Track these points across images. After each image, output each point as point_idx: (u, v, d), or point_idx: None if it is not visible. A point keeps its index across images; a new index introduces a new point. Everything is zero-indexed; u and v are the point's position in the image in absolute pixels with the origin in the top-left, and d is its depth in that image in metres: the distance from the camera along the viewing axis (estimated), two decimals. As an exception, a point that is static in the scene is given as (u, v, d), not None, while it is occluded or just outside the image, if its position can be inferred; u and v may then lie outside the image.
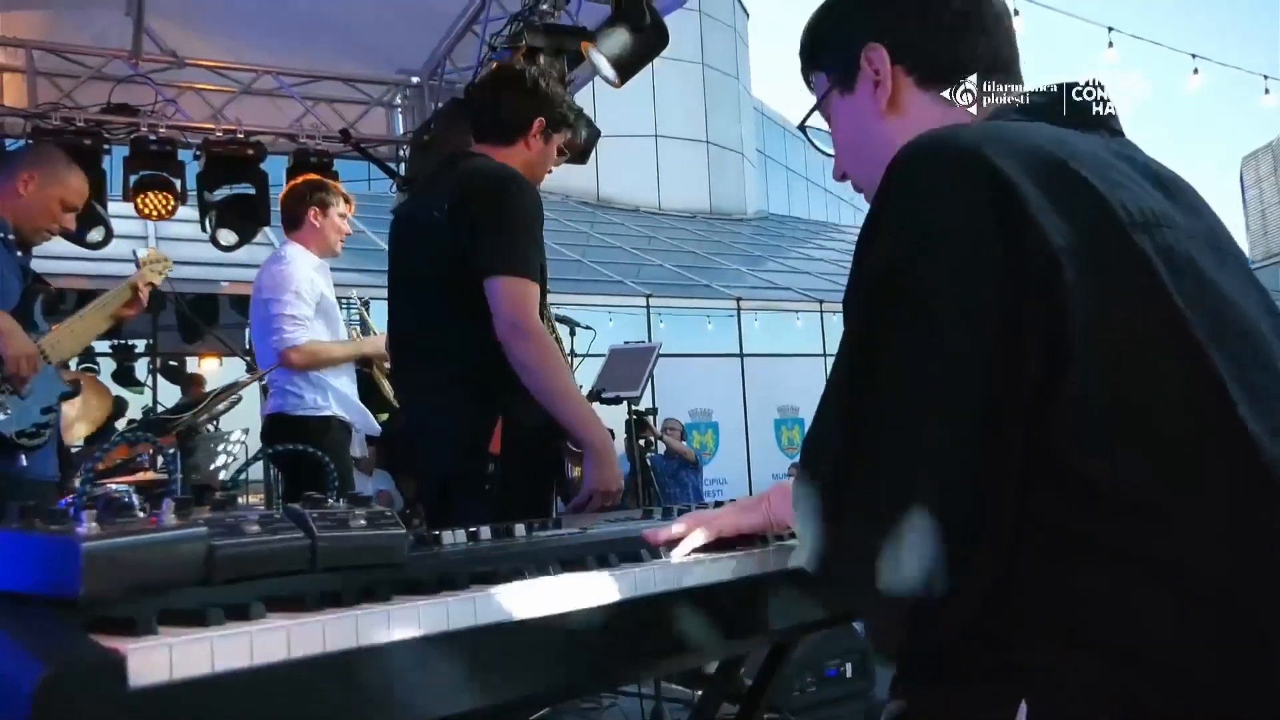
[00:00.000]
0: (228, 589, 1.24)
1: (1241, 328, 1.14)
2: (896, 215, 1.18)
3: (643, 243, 20.82)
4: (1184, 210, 1.22)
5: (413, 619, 1.21)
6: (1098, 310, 1.07)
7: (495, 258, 2.87)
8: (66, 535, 1.14)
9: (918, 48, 1.43)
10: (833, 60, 1.52)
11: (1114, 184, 1.15)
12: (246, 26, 6.85)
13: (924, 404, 1.10)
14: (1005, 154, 1.13)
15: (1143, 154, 1.32)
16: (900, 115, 1.44)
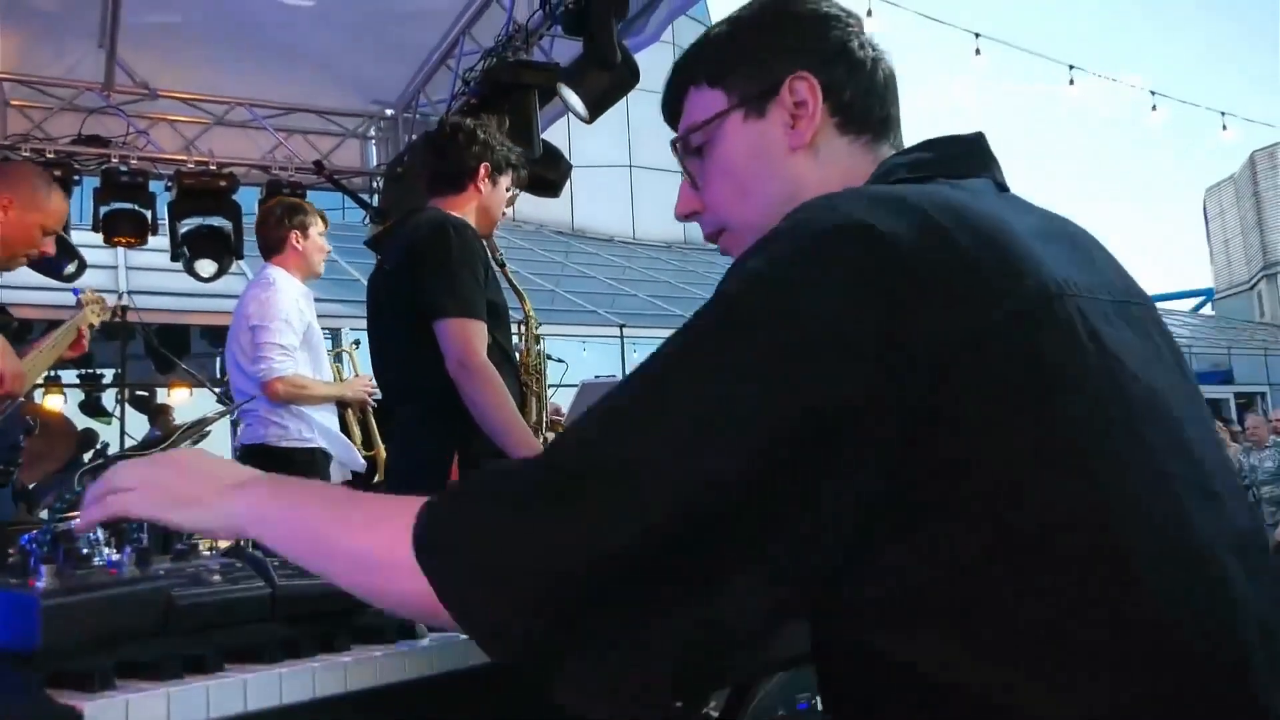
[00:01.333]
0: (186, 639, 1.24)
1: (1157, 401, 1.05)
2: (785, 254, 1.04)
3: (617, 273, 20.85)
4: (1081, 264, 1.13)
5: (369, 670, 1.22)
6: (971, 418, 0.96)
7: (439, 301, 3.08)
8: (25, 591, 1.15)
9: (847, 89, 1.31)
10: (745, 79, 1.34)
11: (1005, 259, 1.04)
12: (220, 58, 6.84)
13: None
14: (890, 230, 1.00)
15: (1032, 207, 1.25)
16: (813, 156, 1.30)
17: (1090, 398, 0.99)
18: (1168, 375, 1.10)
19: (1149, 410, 1.04)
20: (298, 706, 1.15)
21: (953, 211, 1.06)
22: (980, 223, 1.06)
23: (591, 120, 5.39)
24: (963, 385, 0.95)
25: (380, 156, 8.01)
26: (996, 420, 0.95)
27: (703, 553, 0.93)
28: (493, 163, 3.39)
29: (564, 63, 5.71)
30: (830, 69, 1.31)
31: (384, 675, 1.23)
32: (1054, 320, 1.01)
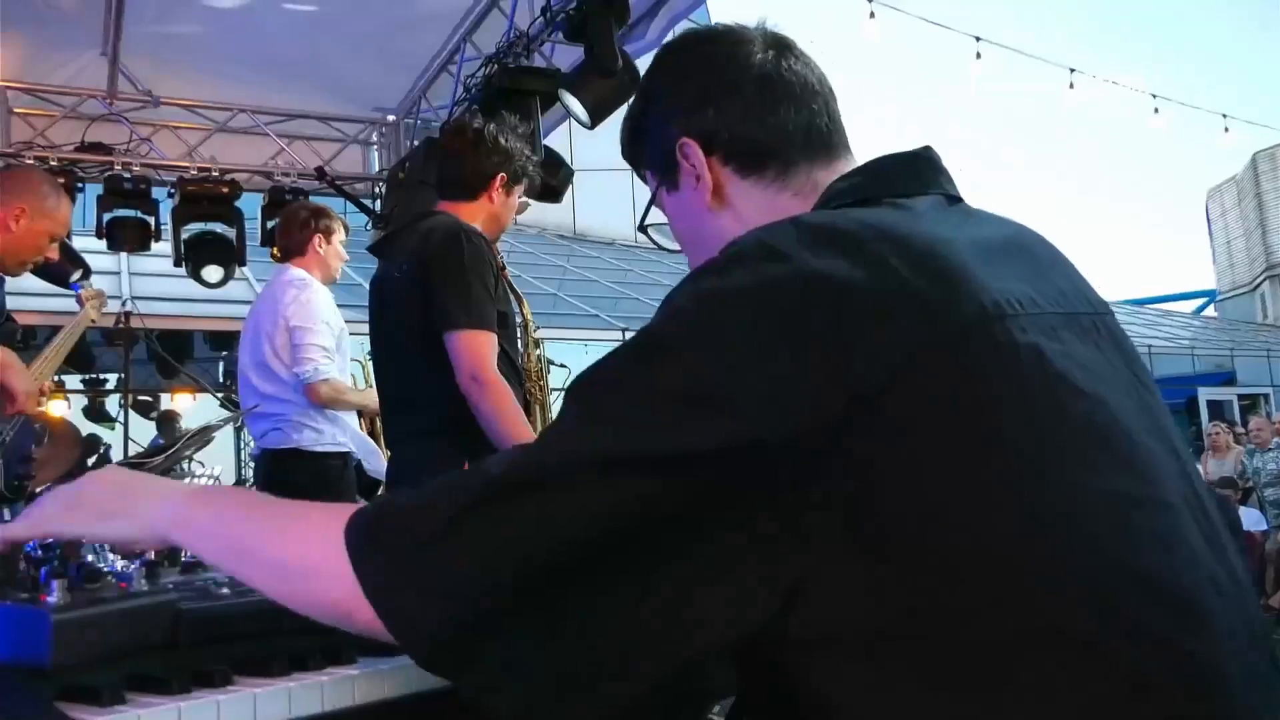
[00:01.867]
0: (195, 652, 1.25)
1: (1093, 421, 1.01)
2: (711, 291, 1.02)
3: (619, 276, 20.83)
4: (1029, 277, 1.09)
5: (378, 683, 1.23)
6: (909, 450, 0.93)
7: (451, 313, 3.03)
8: (37, 606, 1.15)
9: (725, 134, 1.29)
10: (651, 158, 1.40)
11: (945, 281, 1.01)
12: (222, 65, 6.87)
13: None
14: (832, 256, 1.00)
15: (985, 219, 1.22)
16: (726, 206, 1.31)
17: (1029, 419, 0.97)
18: (1119, 387, 1.08)
19: (1093, 426, 1.00)
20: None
21: (889, 237, 1.04)
22: (918, 246, 1.04)
23: (593, 126, 5.41)
24: (899, 415, 0.93)
25: (382, 162, 8.02)
26: (933, 447, 0.93)
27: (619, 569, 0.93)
28: (510, 173, 3.34)
29: (565, 68, 5.73)
30: (701, 120, 1.31)
31: (392, 688, 1.23)
32: (992, 342, 0.99)
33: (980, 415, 0.95)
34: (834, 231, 1.04)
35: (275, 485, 4.61)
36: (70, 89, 6.85)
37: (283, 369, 4.50)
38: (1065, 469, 0.96)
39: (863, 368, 0.93)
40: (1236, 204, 37.53)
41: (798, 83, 1.31)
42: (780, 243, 1.03)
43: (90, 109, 6.92)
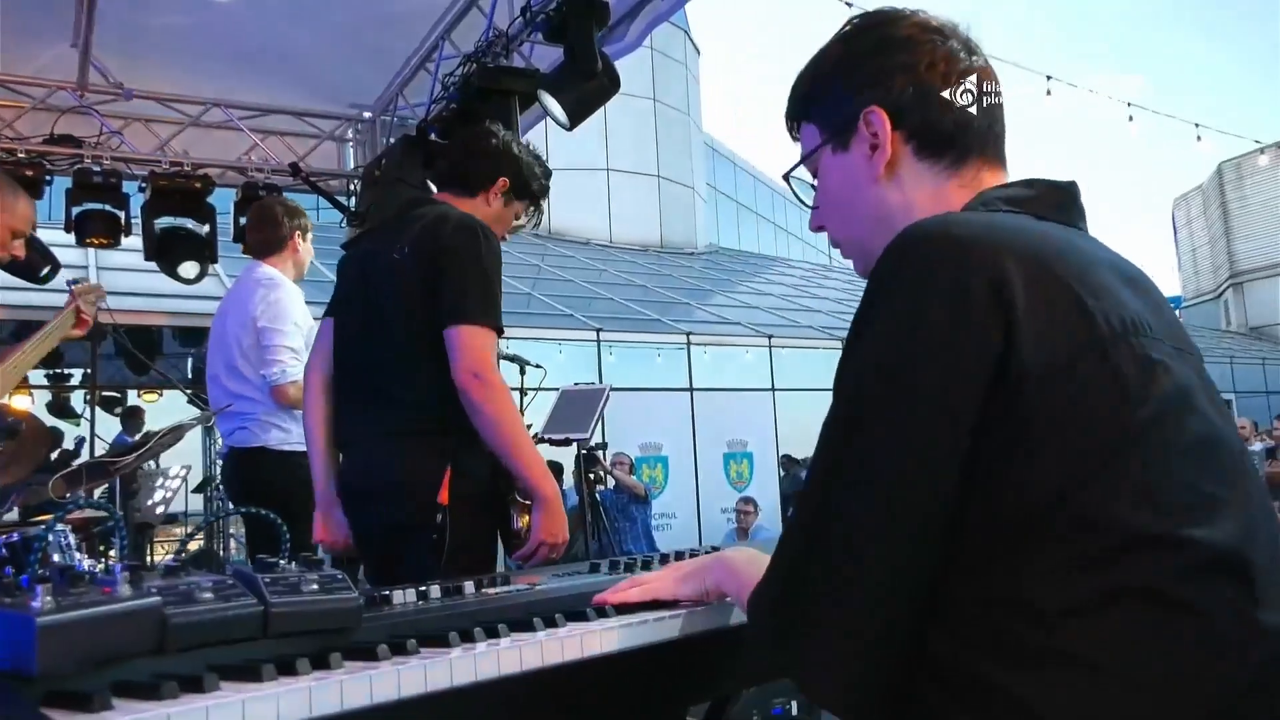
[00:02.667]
0: (180, 658, 1.25)
1: (1211, 434, 1.17)
2: (890, 308, 1.18)
3: (593, 276, 20.82)
4: (1151, 309, 1.23)
5: (364, 688, 1.23)
6: (1061, 429, 1.09)
7: (462, 306, 2.88)
8: (22, 611, 1.15)
9: (918, 116, 1.40)
10: (828, 116, 1.48)
11: (1097, 291, 1.17)
12: (195, 59, 6.80)
13: (883, 519, 1.14)
14: (1007, 252, 1.14)
15: (1107, 249, 1.33)
16: (894, 182, 1.42)
17: (1162, 422, 1.13)
18: (1218, 415, 1.21)
19: (1209, 441, 1.17)
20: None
21: (1051, 245, 1.20)
22: (1076, 257, 1.20)
23: (572, 127, 5.42)
24: (1061, 394, 1.10)
25: (358, 159, 7.98)
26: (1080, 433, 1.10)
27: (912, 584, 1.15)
28: (514, 182, 3.23)
29: (543, 68, 5.73)
30: (899, 97, 1.40)
31: (379, 693, 1.23)
32: (1133, 351, 1.15)
33: (1122, 412, 1.11)
34: (1000, 237, 1.19)
35: (243, 483, 4.63)
36: (40, 80, 6.77)
37: (250, 370, 4.50)
38: (1185, 473, 1.12)
39: (1034, 358, 1.10)
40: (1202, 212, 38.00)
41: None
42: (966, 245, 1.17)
43: (60, 101, 6.84)
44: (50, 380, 13.08)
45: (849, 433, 1.19)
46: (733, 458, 16.54)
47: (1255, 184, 34.17)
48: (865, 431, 1.17)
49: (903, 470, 1.13)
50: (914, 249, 1.19)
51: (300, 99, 7.51)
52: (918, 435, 1.12)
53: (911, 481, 1.12)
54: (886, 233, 1.32)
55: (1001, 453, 1.10)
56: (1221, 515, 1.11)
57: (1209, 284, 37.47)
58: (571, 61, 5.11)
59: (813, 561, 1.19)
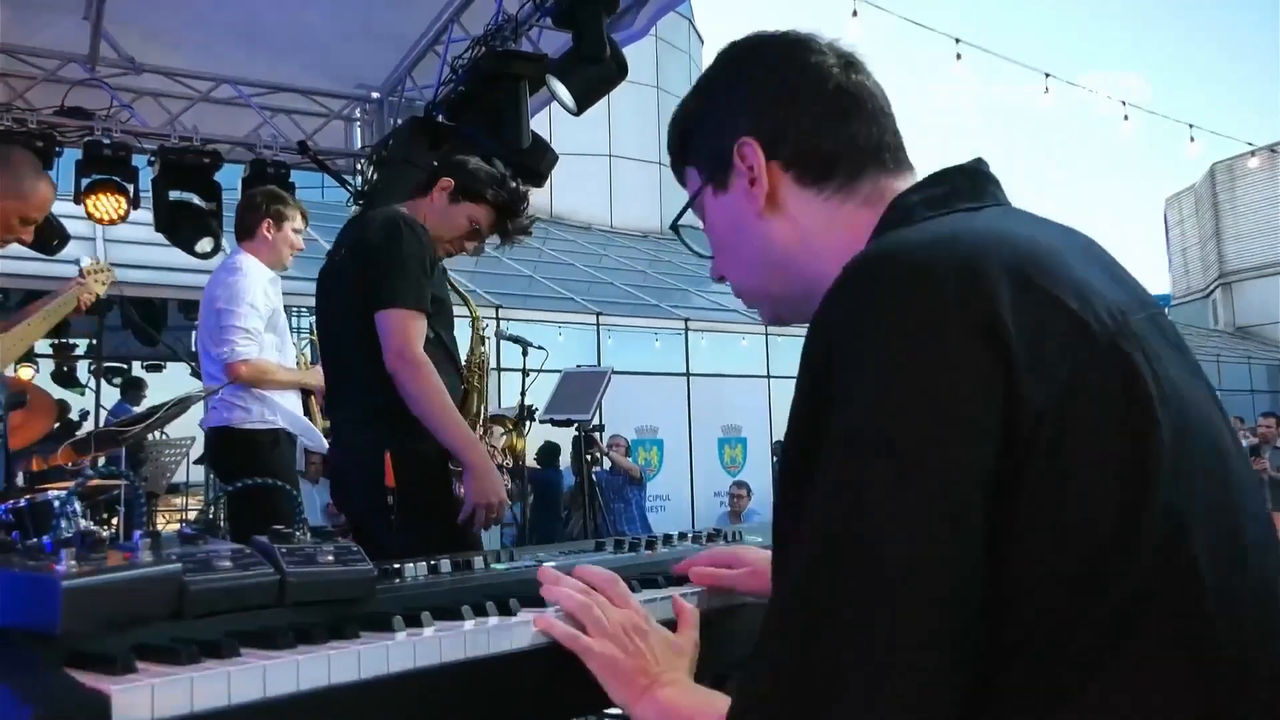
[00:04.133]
0: (198, 623, 1.27)
1: (1199, 423, 1.05)
2: (866, 368, 0.99)
3: (594, 260, 20.83)
4: (1112, 282, 1.11)
5: (381, 658, 1.25)
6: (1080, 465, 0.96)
7: (383, 292, 3.08)
8: (47, 573, 1.17)
9: (792, 140, 1.28)
10: (703, 155, 1.37)
11: (1079, 289, 1.03)
12: (206, 35, 6.82)
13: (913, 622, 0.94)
14: (985, 271, 0.99)
15: (1049, 223, 1.20)
16: (779, 213, 1.29)
17: (1169, 426, 1.00)
18: (1198, 389, 1.10)
19: (1204, 435, 1.06)
20: (313, 693, 1.17)
21: (1015, 250, 1.04)
22: (1046, 254, 1.06)
23: (579, 113, 5.43)
24: (1068, 423, 0.96)
25: (365, 139, 8.00)
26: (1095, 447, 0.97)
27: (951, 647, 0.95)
28: (457, 183, 3.41)
29: (551, 52, 5.73)
30: (768, 123, 1.29)
31: (395, 663, 1.25)
32: (1131, 339, 1.03)
33: (1133, 419, 0.98)
34: (966, 249, 1.03)
35: (215, 461, 4.80)
36: (51, 52, 6.78)
37: (214, 349, 4.60)
38: (1193, 474, 1.01)
39: (1038, 382, 0.95)
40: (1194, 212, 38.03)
41: (869, 98, 1.31)
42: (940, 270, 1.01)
43: (71, 73, 6.85)
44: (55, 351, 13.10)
45: (850, 531, 0.97)
46: (727, 442, 16.60)
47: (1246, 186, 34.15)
48: (873, 525, 0.95)
49: (927, 564, 0.94)
50: (880, 282, 1.02)
51: (309, 78, 7.53)
52: (939, 518, 0.94)
53: (938, 582, 0.94)
54: (785, 272, 1.29)
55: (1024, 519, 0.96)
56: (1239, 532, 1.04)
57: (1198, 283, 37.53)
58: (579, 47, 5.13)
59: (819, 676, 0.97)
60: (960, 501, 0.93)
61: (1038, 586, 0.96)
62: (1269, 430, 13.53)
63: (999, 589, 0.95)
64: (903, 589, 0.93)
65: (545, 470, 11.75)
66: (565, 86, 5.29)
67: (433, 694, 1.31)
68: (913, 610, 0.93)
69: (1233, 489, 1.06)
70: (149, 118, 7.17)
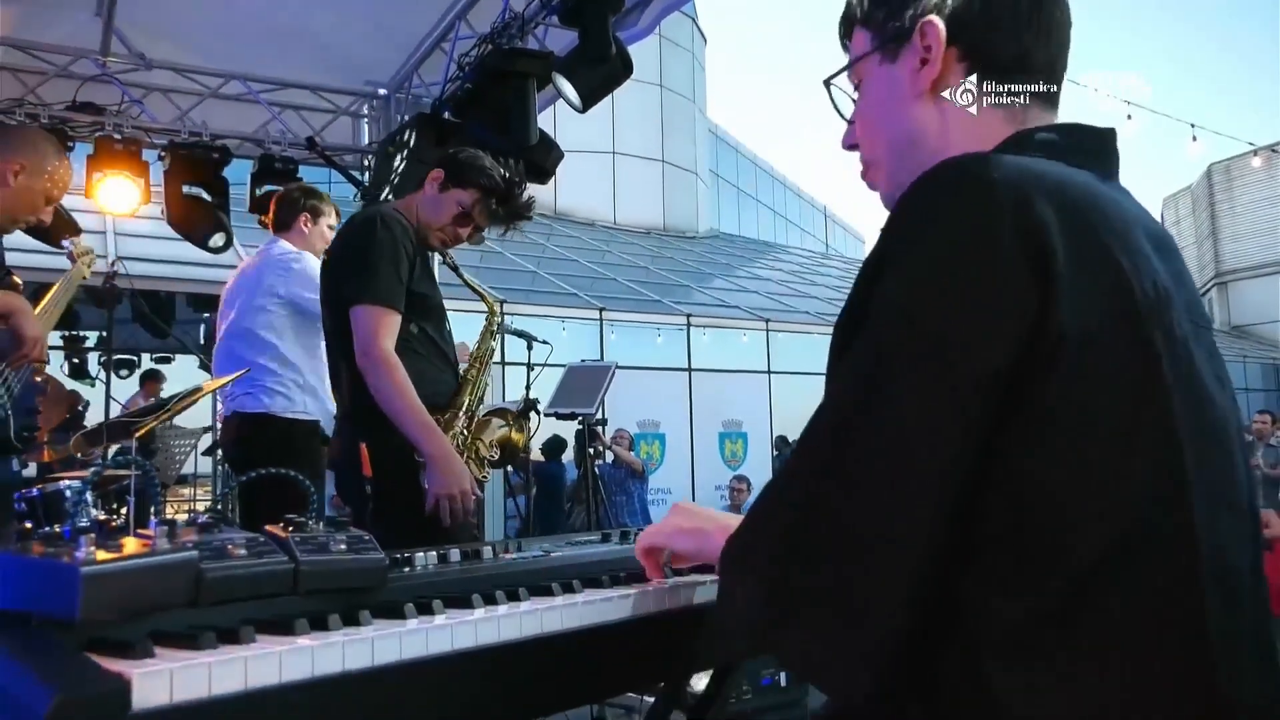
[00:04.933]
0: (213, 610, 1.29)
1: (1215, 424, 1.13)
2: (921, 250, 1.07)
3: (597, 256, 20.84)
4: (1174, 276, 1.16)
5: (394, 646, 1.27)
6: (1091, 399, 1.03)
7: (352, 289, 3.15)
8: (67, 560, 1.19)
9: (978, 34, 1.28)
10: (883, 21, 1.34)
11: (1133, 256, 1.09)
12: (216, 32, 6.83)
13: (903, 473, 1.04)
14: (1045, 203, 1.05)
15: (1136, 204, 1.25)
16: (937, 104, 1.30)
17: (1181, 397, 1.07)
18: (1224, 398, 1.17)
19: (1217, 427, 1.12)
20: (328, 679, 1.19)
21: (1091, 199, 1.12)
22: (1113, 214, 1.12)
23: (585, 110, 5.44)
24: (1087, 364, 1.03)
25: (372, 135, 8.00)
26: (1109, 392, 1.04)
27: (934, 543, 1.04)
28: (449, 172, 3.42)
29: (557, 50, 5.74)
30: (962, 11, 1.28)
31: (408, 650, 1.28)
32: (1164, 321, 1.09)
33: (1149, 384, 1.06)
34: (1041, 187, 1.07)
35: (243, 446, 4.72)
36: (62, 47, 6.79)
37: (273, 337, 4.57)
38: (1199, 458, 1.07)
39: (1070, 315, 1.02)
40: (1191, 213, 38.03)
41: (1060, 22, 1.32)
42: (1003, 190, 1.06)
43: (83, 69, 6.86)
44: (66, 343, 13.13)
45: (867, 384, 1.07)
46: (728, 437, 16.64)
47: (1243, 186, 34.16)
48: (887, 384, 1.06)
49: (924, 435, 1.03)
50: (949, 188, 1.09)
51: (317, 74, 7.53)
52: (944, 397, 1.02)
53: (931, 451, 1.03)
54: (917, 156, 1.28)
55: (1019, 431, 1.03)
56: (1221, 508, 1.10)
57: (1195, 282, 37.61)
58: (585, 45, 5.14)
59: (821, 519, 1.08)
60: (968, 390, 1.02)
61: (1040, 497, 1.03)
62: (1264, 427, 13.59)
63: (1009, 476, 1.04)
64: (904, 455, 1.04)
65: (549, 463, 11.78)
66: (571, 84, 5.31)
67: (444, 681, 1.33)
68: (910, 476, 1.03)
69: (1238, 486, 1.14)
70: (159, 113, 7.19)
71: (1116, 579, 1.02)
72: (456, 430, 3.32)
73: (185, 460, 6.71)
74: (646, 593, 1.62)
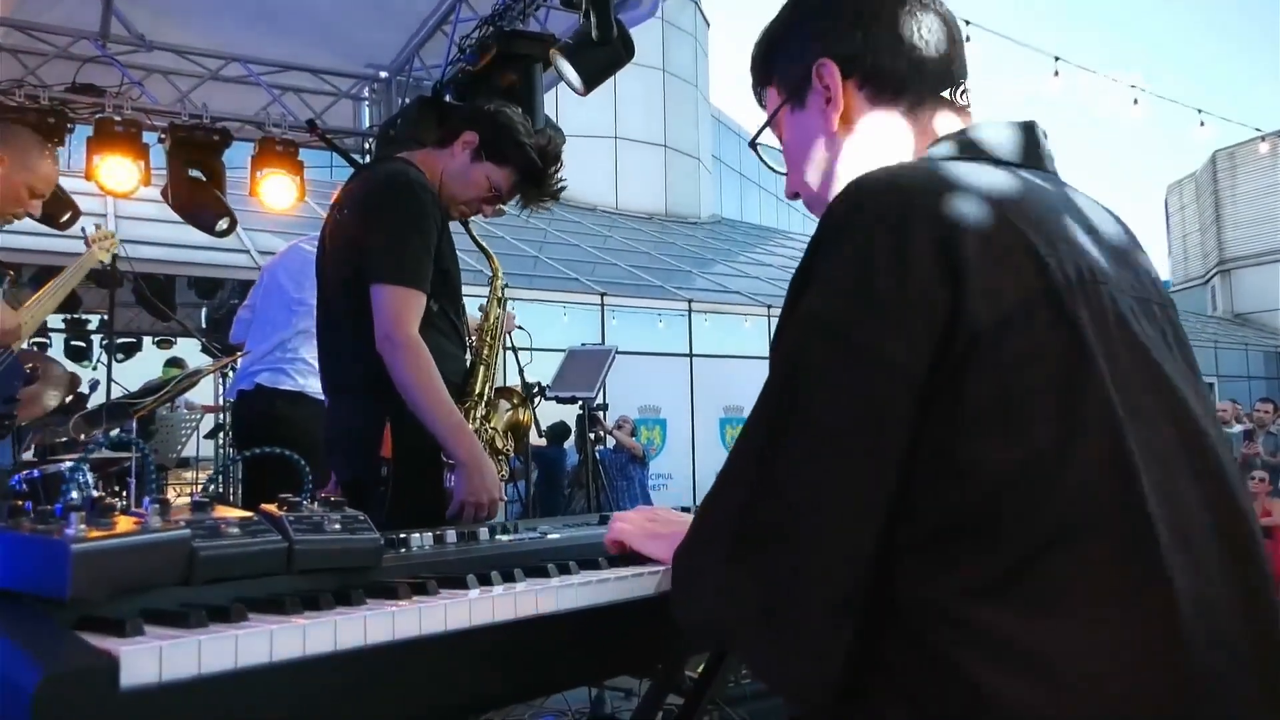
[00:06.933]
0: (206, 589, 1.29)
1: (1168, 396, 1.14)
2: (835, 262, 1.13)
3: (599, 241, 20.84)
4: (1114, 260, 1.20)
5: (387, 625, 1.27)
6: (1016, 386, 1.06)
7: (376, 265, 2.84)
8: (57, 537, 1.18)
9: (870, 63, 1.37)
10: (784, 75, 1.48)
11: (1052, 241, 1.13)
12: (216, 13, 6.80)
13: (832, 469, 1.08)
14: (956, 205, 1.11)
15: (1078, 195, 1.30)
16: (851, 132, 1.40)
17: (1116, 374, 1.09)
18: (1180, 371, 1.19)
19: (1163, 394, 1.13)
20: (319, 658, 1.18)
21: (1006, 192, 1.17)
22: (1032, 206, 1.17)
23: (586, 93, 5.41)
24: (1013, 348, 1.06)
25: (373, 118, 7.99)
26: (1036, 374, 1.07)
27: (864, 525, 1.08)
28: (483, 138, 3.10)
29: (558, 33, 5.72)
30: (848, 46, 1.38)
31: (401, 630, 1.27)
32: (1092, 299, 1.12)
33: (1078, 361, 1.08)
34: (949, 186, 1.14)
35: (268, 421, 4.73)
36: (62, 28, 6.77)
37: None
38: (1140, 428, 1.08)
39: (989, 304, 1.06)
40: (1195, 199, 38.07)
41: (944, 27, 1.41)
42: (914, 191, 1.14)
43: (82, 50, 6.84)
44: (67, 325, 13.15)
45: (791, 393, 1.14)
46: (729, 422, 16.65)
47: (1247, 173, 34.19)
48: (807, 392, 1.12)
49: (847, 432, 1.08)
50: (858, 200, 1.15)
51: (318, 57, 7.51)
52: (862, 396, 1.08)
53: (857, 446, 1.08)
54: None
55: (952, 423, 1.06)
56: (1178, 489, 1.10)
57: (1198, 270, 37.56)
58: (587, 28, 5.12)
59: (763, 514, 1.13)
60: (884, 388, 1.06)
61: (985, 479, 1.06)
62: (1265, 415, 13.59)
63: (949, 467, 1.07)
64: (828, 459, 1.09)
65: (550, 448, 11.79)
66: (572, 66, 5.28)
67: (438, 661, 1.33)
68: (837, 481, 1.08)
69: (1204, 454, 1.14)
70: (159, 95, 7.16)
71: (1069, 554, 1.04)
72: (476, 423, 3.08)
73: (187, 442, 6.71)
74: (643, 575, 1.61)
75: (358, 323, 2.86)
